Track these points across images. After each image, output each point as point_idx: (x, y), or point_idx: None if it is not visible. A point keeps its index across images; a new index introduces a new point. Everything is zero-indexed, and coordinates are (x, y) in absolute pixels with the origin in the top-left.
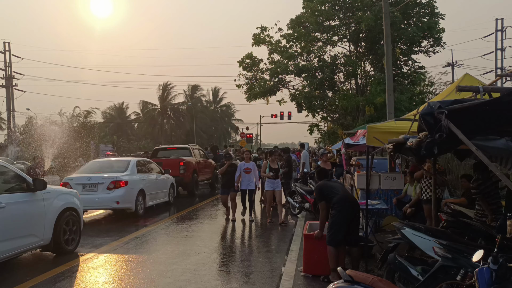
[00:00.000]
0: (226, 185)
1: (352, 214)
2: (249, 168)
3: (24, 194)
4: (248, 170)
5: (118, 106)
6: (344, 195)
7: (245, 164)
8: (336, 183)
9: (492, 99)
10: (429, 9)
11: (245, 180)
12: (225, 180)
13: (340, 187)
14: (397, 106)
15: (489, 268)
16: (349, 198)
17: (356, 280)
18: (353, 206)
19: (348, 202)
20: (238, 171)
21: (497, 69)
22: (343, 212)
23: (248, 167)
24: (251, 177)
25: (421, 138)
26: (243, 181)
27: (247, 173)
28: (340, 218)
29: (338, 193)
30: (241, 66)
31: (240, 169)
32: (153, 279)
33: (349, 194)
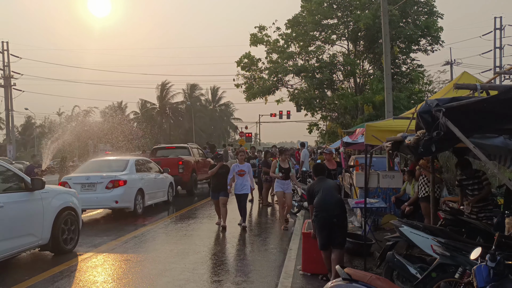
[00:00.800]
0: (216, 188)
1: (328, 219)
2: (243, 170)
3: (22, 194)
4: (242, 172)
5: (117, 105)
6: (320, 201)
7: (238, 166)
8: (324, 183)
9: (490, 97)
10: (427, 8)
11: (239, 183)
12: (215, 183)
13: (323, 190)
14: (396, 105)
15: (487, 266)
16: (326, 203)
17: (355, 278)
18: (328, 211)
19: (323, 206)
20: (231, 173)
21: (495, 68)
22: (318, 217)
23: (242, 169)
24: (245, 180)
25: (419, 136)
26: (236, 184)
27: (241, 176)
28: (316, 223)
29: (318, 197)
30: (239, 66)
31: (233, 171)
32: (152, 278)
33: (328, 198)
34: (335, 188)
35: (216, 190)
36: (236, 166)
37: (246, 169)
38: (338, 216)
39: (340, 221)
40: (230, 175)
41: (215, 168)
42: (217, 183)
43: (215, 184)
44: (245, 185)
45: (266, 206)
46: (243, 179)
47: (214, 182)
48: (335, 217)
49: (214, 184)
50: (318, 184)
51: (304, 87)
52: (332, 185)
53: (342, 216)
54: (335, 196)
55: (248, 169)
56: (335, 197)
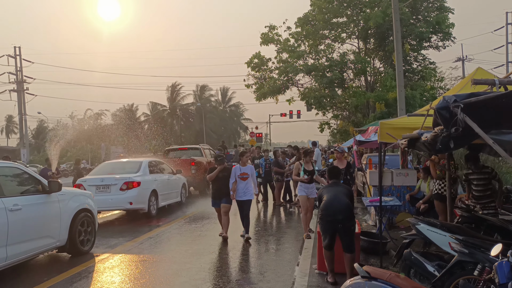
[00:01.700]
0: (216, 194)
1: (332, 223)
2: (246, 173)
3: (40, 196)
4: (244, 175)
5: (128, 108)
6: (327, 203)
7: (241, 169)
8: (335, 187)
9: (509, 92)
10: (437, 4)
11: (241, 188)
12: (216, 189)
13: (332, 193)
14: (411, 102)
15: (509, 262)
16: (332, 206)
17: (374, 276)
18: (333, 215)
19: (329, 210)
20: (232, 177)
21: (508, 63)
22: (322, 220)
23: (245, 171)
24: (248, 184)
25: (437, 132)
26: (238, 189)
27: (244, 180)
28: (320, 224)
29: (325, 200)
30: (250, 66)
31: (235, 175)
32: (168, 278)
33: (335, 202)
34: (345, 193)
35: (217, 196)
36: (238, 169)
37: (249, 172)
38: (343, 221)
39: (346, 227)
40: (232, 179)
41: (215, 172)
42: (218, 189)
43: (216, 189)
44: (249, 190)
45: (278, 206)
46: (246, 184)
47: (215, 187)
48: (340, 222)
49: (215, 190)
50: (328, 188)
51: (315, 86)
52: (342, 190)
53: (349, 222)
54: (342, 200)
55: (251, 172)
56: (342, 202)
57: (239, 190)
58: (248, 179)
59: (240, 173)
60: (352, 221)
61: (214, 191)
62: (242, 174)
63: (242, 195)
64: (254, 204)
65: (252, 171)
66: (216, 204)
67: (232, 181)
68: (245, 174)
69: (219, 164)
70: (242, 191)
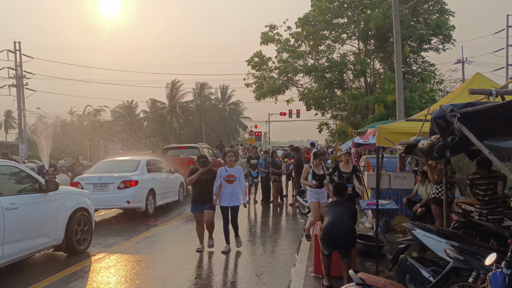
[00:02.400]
0: (198, 199)
1: (332, 246)
2: (233, 175)
3: (36, 195)
4: (231, 178)
5: (127, 105)
6: (329, 225)
7: (227, 170)
8: (338, 206)
9: (505, 102)
10: (438, 6)
11: (227, 193)
12: (197, 193)
13: (335, 214)
14: (410, 105)
15: (502, 273)
16: (334, 230)
17: (368, 283)
18: (335, 239)
19: (331, 233)
20: (217, 180)
21: (508, 66)
22: (323, 240)
23: (232, 173)
24: (235, 188)
25: (433, 141)
26: (223, 195)
27: (230, 183)
28: (321, 242)
29: (327, 220)
30: (250, 65)
31: (220, 177)
32: (164, 279)
33: (338, 224)
34: (349, 215)
35: (198, 201)
36: (223, 170)
37: (236, 174)
38: (345, 245)
39: (347, 249)
40: (216, 182)
41: (196, 175)
42: (200, 193)
43: (197, 193)
44: (235, 195)
45: (276, 206)
46: (232, 187)
47: (196, 191)
48: (341, 247)
49: (196, 194)
50: (331, 208)
51: (314, 87)
52: (345, 212)
53: (350, 245)
54: (345, 223)
55: (239, 174)
56: (345, 225)
57: (225, 194)
58: (235, 182)
59: (226, 175)
60: (353, 244)
61: (195, 195)
62: (228, 177)
63: (228, 201)
64: (252, 205)
65: (240, 173)
66: (197, 209)
67: (216, 184)
68: (232, 176)
69: (202, 166)
70: (228, 196)
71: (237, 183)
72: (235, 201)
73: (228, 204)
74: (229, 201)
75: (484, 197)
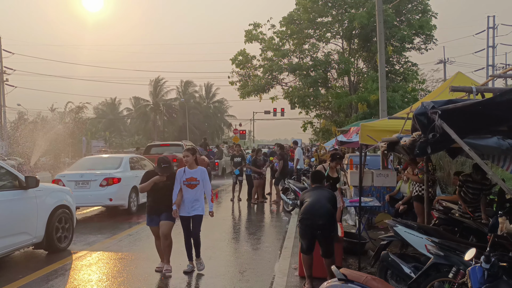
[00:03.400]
0: (153, 208)
1: (311, 227)
2: (195, 178)
3: (16, 192)
4: (193, 181)
5: (110, 102)
6: (307, 207)
7: (187, 172)
8: (317, 191)
9: (485, 100)
10: (421, 6)
11: (188, 200)
12: (152, 201)
13: (313, 197)
14: (391, 104)
15: (482, 267)
16: (312, 210)
17: (350, 278)
18: (313, 219)
19: (309, 213)
20: (177, 184)
21: (488, 66)
22: (302, 223)
23: (194, 176)
24: (198, 194)
25: (415, 137)
26: (184, 202)
27: (191, 187)
28: (299, 228)
29: (306, 203)
30: (234, 64)
31: (180, 180)
32: (146, 277)
33: (317, 206)
34: (328, 198)
35: (153, 211)
36: (182, 173)
37: (199, 176)
38: (323, 227)
39: (325, 234)
40: (176, 187)
41: (147, 183)
42: (156, 201)
43: (153, 202)
44: (199, 202)
45: (259, 203)
46: (195, 193)
47: (151, 199)
48: (319, 228)
49: (151, 202)
50: (311, 192)
51: (299, 85)
52: (325, 195)
53: (328, 228)
54: (324, 205)
55: (203, 177)
56: (324, 206)
57: (185, 202)
58: (198, 187)
59: (186, 178)
60: (331, 228)
61: (150, 203)
62: (189, 180)
63: (188, 209)
64: (237, 202)
65: (204, 175)
66: (153, 221)
67: (176, 190)
68: (194, 179)
69: (162, 172)
70: (189, 203)
71: (200, 188)
72: (198, 209)
73: (188, 214)
74: (189, 209)
75: (472, 196)
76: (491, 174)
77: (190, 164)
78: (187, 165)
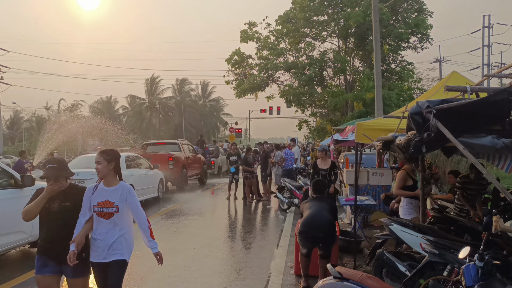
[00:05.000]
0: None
1: (311, 240)
2: (111, 203)
3: (11, 191)
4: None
5: (106, 100)
6: (308, 218)
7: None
8: (318, 202)
9: (479, 99)
10: (417, 5)
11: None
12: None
13: (314, 208)
14: (387, 102)
15: (475, 265)
16: (313, 223)
17: (345, 277)
18: (314, 231)
19: (310, 226)
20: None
21: (484, 65)
22: (302, 235)
23: (109, 199)
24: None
25: (410, 136)
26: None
27: (106, 217)
28: (299, 238)
29: (307, 214)
30: (230, 63)
31: (89, 206)
32: (143, 275)
33: (317, 217)
34: (328, 210)
35: (47, 251)
36: (91, 192)
37: (118, 199)
38: (324, 239)
39: (327, 244)
40: (82, 214)
41: (35, 203)
42: (52, 237)
43: (45, 237)
44: (119, 242)
45: (258, 201)
46: (112, 226)
47: (44, 235)
48: (321, 241)
49: (43, 239)
50: (311, 203)
51: (294, 83)
52: (325, 206)
53: (330, 240)
54: (325, 217)
55: (126, 198)
56: (324, 218)
57: (97, 240)
58: (118, 216)
59: (98, 202)
60: (332, 239)
61: (43, 241)
62: (101, 205)
63: (102, 252)
64: (233, 201)
65: (129, 197)
66: (47, 269)
67: (82, 219)
68: (109, 204)
69: (49, 178)
70: (103, 244)
71: (121, 218)
72: (118, 251)
73: (104, 259)
74: (104, 253)
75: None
76: (486, 173)
77: (106, 176)
78: (100, 176)
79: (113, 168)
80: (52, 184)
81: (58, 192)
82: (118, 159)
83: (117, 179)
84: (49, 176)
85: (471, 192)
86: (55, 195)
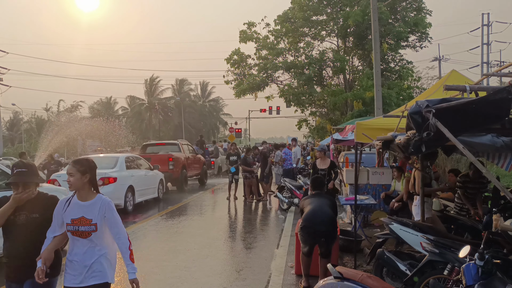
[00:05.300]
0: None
1: (313, 235)
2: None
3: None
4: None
5: (106, 101)
6: (309, 214)
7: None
8: (318, 198)
9: (479, 98)
10: (416, 4)
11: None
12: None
13: (315, 204)
14: (387, 101)
15: (476, 264)
16: (315, 218)
17: (346, 276)
18: (316, 226)
19: (312, 221)
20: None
21: (483, 64)
22: (304, 230)
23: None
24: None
25: (409, 136)
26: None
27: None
28: (301, 235)
29: (308, 210)
30: (229, 63)
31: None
32: (143, 276)
33: (319, 213)
34: (329, 205)
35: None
36: (62, 207)
37: (96, 216)
38: (326, 233)
39: (329, 239)
40: (52, 229)
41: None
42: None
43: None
44: (97, 263)
45: (258, 201)
46: (89, 247)
47: (7, 245)
48: (322, 235)
49: (7, 255)
50: (311, 199)
51: (294, 83)
52: (326, 201)
53: (331, 234)
54: (326, 211)
55: (105, 214)
56: (326, 213)
57: (73, 263)
58: (96, 235)
59: (72, 220)
60: (334, 234)
61: (6, 257)
62: (76, 222)
63: (77, 276)
64: (233, 201)
65: (109, 212)
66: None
67: (50, 235)
68: (86, 222)
69: (16, 184)
70: (80, 263)
71: (99, 236)
72: (97, 274)
73: (80, 283)
74: (81, 276)
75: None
76: (486, 171)
77: (80, 190)
78: (72, 189)
79: (88, 181)
80: (21, 192)
81: (25, 202)
82: (94, 170)
83: (93, 192)
84: (17, 182)
85: (472, 191)
86: (22, 204)
